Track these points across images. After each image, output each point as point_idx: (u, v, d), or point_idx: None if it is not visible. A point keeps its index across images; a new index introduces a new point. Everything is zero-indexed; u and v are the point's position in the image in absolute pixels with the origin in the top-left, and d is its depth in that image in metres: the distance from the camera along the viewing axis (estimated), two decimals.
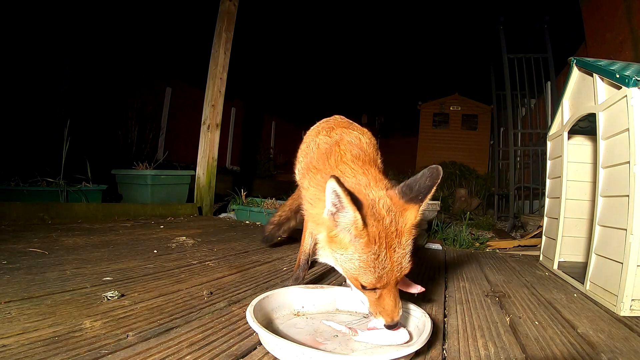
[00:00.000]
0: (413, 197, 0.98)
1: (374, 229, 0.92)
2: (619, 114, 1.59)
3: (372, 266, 0.92)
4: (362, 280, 0.95)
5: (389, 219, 0.93)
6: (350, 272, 0.97)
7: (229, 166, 9.34)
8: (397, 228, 0.94)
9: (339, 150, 1.17)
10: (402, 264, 0.95)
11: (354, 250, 0.94)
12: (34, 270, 1.47)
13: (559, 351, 1.07)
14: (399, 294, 1.00)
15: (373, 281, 0.94)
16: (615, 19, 4.21)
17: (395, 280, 0.96)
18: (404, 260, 0.96)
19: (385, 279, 0.94)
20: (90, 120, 5.39)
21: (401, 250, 0.95)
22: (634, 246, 1.42)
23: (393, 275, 0.94)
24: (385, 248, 0.92)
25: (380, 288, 0.96)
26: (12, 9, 4.70)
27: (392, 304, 0.96)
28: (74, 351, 0.84)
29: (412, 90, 11.95)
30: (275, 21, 7.88)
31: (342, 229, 0.94)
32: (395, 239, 0.94)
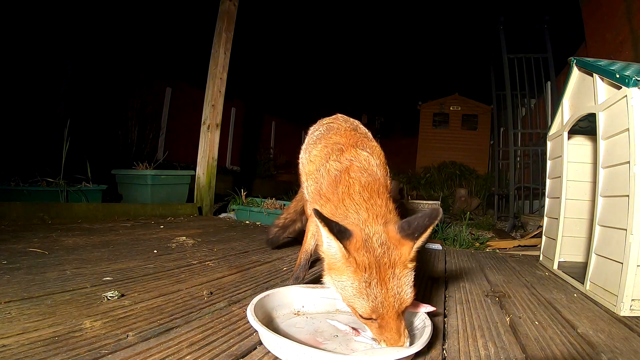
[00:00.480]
0: (410, 233, 0.98)
1: (363, 258, 0.93)
2: (619, 114, 1.59)
3: (365, 294, 0.92)
4: (357, 309, 0.95)
5: (381, 251, 0.95)
6: (347, 299, 0.98)
7: (229, 166, 9.34)
8: (390, 259, 0.94)
9: (348, 179, 1.17)
10: (400, 295, 0.93)
11: (347, 277, 0.95)
12: (34, 270, 1.47)
13: (559, 351, 1.07)
14: (403, 323, 0.96)
15: (368, 310, 0.93)
16: (615, 19, 4.21)
17: (395, 312, 0.93)
18: (402, 291, 0.94)
19: (381, 310, 0.92)
20: (90, 120, 5.39)
21: (396, 281, 0.94)
22: (634, 246, 1.42)
23: (391, 305, 0.92)
24: (376, 277, 0.92)
25: (377, 319, 0.94)
26: (13, 9, 4.70)
27: (394, 336, 0.93)
28: (74, 351, 0.84)
29: (412, 90, 11.95)
30: (275, 21, 7.88)
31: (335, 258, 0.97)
32: (388, 269, 0.93)
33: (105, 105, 5.97)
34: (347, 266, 0.95)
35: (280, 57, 9.53)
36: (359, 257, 0.94)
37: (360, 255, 0.94)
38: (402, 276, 0.95)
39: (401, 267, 0.95)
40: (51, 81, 5.35)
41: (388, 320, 0.93)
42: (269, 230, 2.28)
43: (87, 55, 5.75)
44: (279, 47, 9.01)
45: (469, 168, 9.67)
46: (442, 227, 3.63)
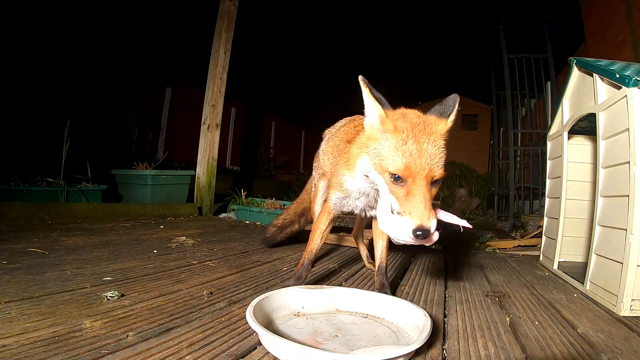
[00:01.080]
0: (443, 113, 1.11)
1: (401, 123, 1.04)
2: (619, 114, 1.59)
3: (400, 150, 1.00)
4: (389, 166, 1.01)
5: (418, 121, 1.05)
6: (379, 160, 1.05)
7: (229, 166, 9.34)
8: (425, 128, 1.02)
9: None
10: (432, 158, 0.99)
11: (385, 139, 1.05)
12: (34, 270, 1.47)
13: (559, 351, 1.07)
14: (429, 198, 0.98)
15: (400, 166, 0.98)
16: (615, 19, 4.21)
17: (425, 174, 0.97)
18: (435, 156, 1.00)
19: (413, 167, 0.97)
20: (90, 120, 5.39)
21: (431, 146, 1.00)
22: (634, 246, 1.42)
23: (422, 166, 0.97)
24: (413, 138, 1.00)
25: (408, 178, 0.98)
26: (13, 9, 4.70)
27: (422, 202, 0.95)
28: (74, 351, 0.84)
29: (412, 90, 11.94)
30: (275, 21, 7.88)
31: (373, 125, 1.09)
32: (424, 135, 1.01)
33: (105, 105, 5.97)
34: (385, 130, 1.05)
35: (280, 57, 9.53)
36: (397, 121, 1.04)
37: (399, 121, 1.04)
38: (436, 145, 1.01)
39: (436, 137, 1.03)
40: (51, 81, 5.34)
41: (417, 183, 0.97)
42: (267, 229, 2.29)
43: (87, 55, 5.75)
44: (279, 47, 9.01)
45: (469, 168, 9.66)
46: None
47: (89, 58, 5.79)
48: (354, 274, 1.87)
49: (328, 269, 1.94)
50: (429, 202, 0.96)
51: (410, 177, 0.98)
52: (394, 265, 2.14)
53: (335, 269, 1.94)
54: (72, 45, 5.51)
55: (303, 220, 2.21)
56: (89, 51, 5.78)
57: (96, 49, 5.90)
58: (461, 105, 5.00)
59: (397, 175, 1.00)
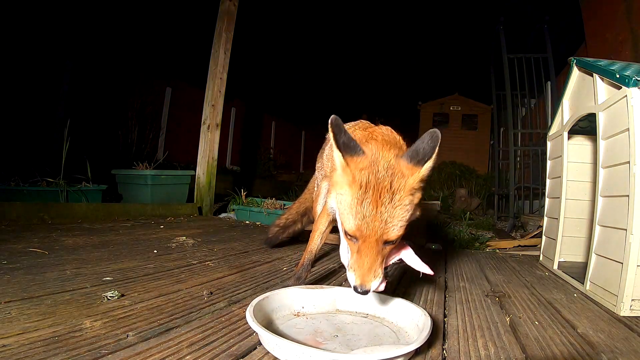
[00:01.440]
0: (420, 159, 0.99)
1: (363, 176, 0.94)
2: (619, 114, 1.59)
3: (354, 211, 0.94)
4: (344, 223, 0.97)
5: (384, 174, 0.94)
6: (340, 212, 1.01)
7: (229, 166, 9.34)
8: (391, 184, 0.94)
9: (372, 136, 1.26)
10: (386, 222, 0.93)
11: (344, 192, 0.98)
12: (34, 270, 1.47)
13: (559, 351, 1.07)
14: (381, 261, 0.95)
15: (352, 227, 0.94)
16: (615, 19, 4.21)
17: (376, 237, 0.93)
18: (392, 220, 0.93)
19: (365, 230, 0.92)
20: (90, 120, 5.39)
21: (390, 208, 0.93)
22: (634, 246, 1.42)
23: (374, 230, 0.92)
24: (371, 197, 0.92)
25: (359, 239, 0.94)
26: (13, 9, 4.70)
27: (366, 264, 0.93)
28: (74, 351, 0.84)
29: (412, 90, 11.94)
30: (275, 21, 7.87)
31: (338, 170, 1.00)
32: (386, 193, 0.93)
33: (105, 105, 5.97)
34: (345, 178, 0.97)
35: (280, 57, 9.53)
36: (358, 174, 0.95)
37: (361, 173, 0.95)
38: (397, 205, 0.94)
39: (402, 195, 0.95)
40: (51, 81, 5.35)
41: (366, 245, 0.94)
42: (269, 229, 2.28)
43: (87, 55, 5.75)
44: (279, 47, 9.01)
45: (469, 168, 9.65)
46: (442, 227, 3.63)
47: (89, 58, 5.79)
48: None
49: (328, 269, 1.94)
50: (375, 262, 0.94)
51: (362, 239, 0.94)
52: (394, 266, 2.13)
53: (335, 269, 1.94)
54: (72, 45, 5.51)
55: (305, 220, 2.21)
56: (89, 51, 5.78)
57: (96, 49, 5.90)
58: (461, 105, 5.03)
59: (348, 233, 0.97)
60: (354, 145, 0.98)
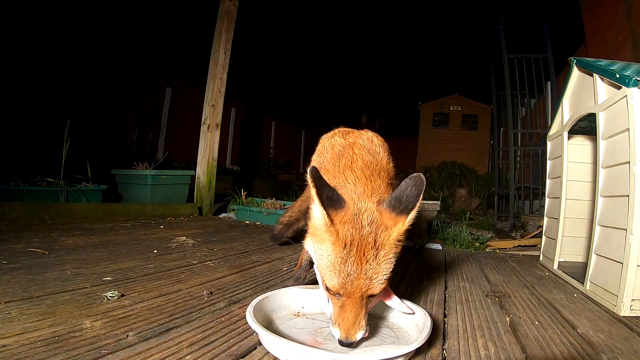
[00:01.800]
0: (403, 208, 0.94)
1: (347, 233, 0.90)
2: (619, 114, 1.59)
3: (337, 269, 0.90)
4: (326, 280, 0.94)
5: (369, 230, 0.90)
6: (320, 268, 0.97)
7: (229, 166, 9.34)
8: (375, 240, 0.90)
9: (352, 154, 1.18)
10: (371, 279, 0.90)
11: (325, 248, 0.93)
12: (34, 270, 1.47)
13: (559, 351, 1.07)
14: (365, 312, 0.94)
15: (336, 285, 0.91)
16: (615, 19, 4.21)
17: (360, 293, 0.91)
18: (376, 276, 0.91)
19: (349, 287, 0.90)
20: (90, 120, 5.39)
21: (375, 265, 0.90)
22: (634, 246, 1.42)
23: (358, 287, 0.90)
24: (355, 255, 0.89)
25: (342, 296, 0.93)
26: (13, 9, 4.70)
27: (351, 319, 0.91)
28: (74, 351, 0.84)
29: (412, 90, 11.94)
30: (275, 21, 7.88)
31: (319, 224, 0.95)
32: (370, 250, 0.90)
33: (105, 105, 5.97)
34: (328, 236, 0.92)
35: (280, 57, 9.53)
36: (342, 230, 0.90)
37: (345, 230, 0.90)
38: (382, 261, 0.91)
39: (387, 250, 0.92)
40: (51, 81, 5.35)
41: (350, 301, 0.92)
42: (275, 226, 2.30)
43: (87, 55, 5.75)
44: (279, 47, 9.01)
45: (469, 168, 9.66)
46: (442, 227, 3.63)
47: (89, 58, 5.79)
48: None
49: None
50: (359, 316, 0.92)
51: (346, 296, 0.92)
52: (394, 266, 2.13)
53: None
54: (72, 45, 5.51)
55: (308, 217, 2.21)
56: (89, 51, 5.79)
57: (96, 49, 5.90)
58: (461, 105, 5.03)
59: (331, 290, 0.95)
60: (337, 198, 0.93)
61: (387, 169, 1.22)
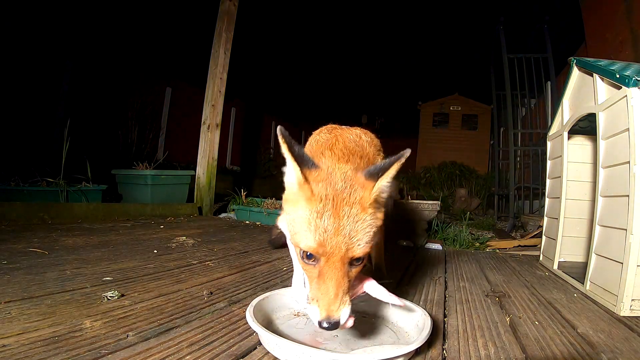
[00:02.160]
0: (374, 174, 0.89)
1: (321, 188, 0.85)
2: (619, 114, 1.59)
3: (313, 225, 0.83)
4: (301, 244, 0.85)
5: (343, 185, 0.86)
6: (293, 234, 0.88)
7: (229, 166, 9.34)
8: (350, 197, 0.85)
9: (334, 140, 1.14)
10: (350, 236, 0.83)
11: (299, 208, 0.87)
12: (34, 270, 1.47)
13: (559, 351, 1.07)
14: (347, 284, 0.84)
15: (313, 244, 0.83)
16: (615, 19, 4.21)
17: (340, 254, 0.82)
18: (356, 234, 0.84)
19: (328, 246, 0.82)
20: (90, 120, 5.39)
21: (352, 221, 0.84)
22: (634, 246, 1.42)
23: (337, 245, 0.82)
24: (331, 209, 0.83)
25: (321, 257, 0.83)
26: (13, 9, 4.70)
27: (331, 290, 0.81)
28: (74, 351, 0.84)
29: (412, 90, 11.94)
30: (275, 21, 7.88)
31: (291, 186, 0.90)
32: (346, 206, 0.84)
33: (105, 105, 5.97)
34: (301, 194, 0.87)
35: (280, 57, 9.53)
36: (316, 186, 0.86)
37: (319, 186, 0.86)
38: (359, 219, 0.85)
39: (360, 209, 0.86)
40: (51, 81, 5.35)
41: (330, 265, 0.83)
42: (272, 230, 2.29)
43: (87, 55, 5.75)
44: (279, 47, 9.01)
45: (469, 168, 9.66)
46: (442, 227, 3.63)
47: (89, 58, 5.79)
48: None
49: None
50: (342, 287, 0.83)
51: (323, 256, 0.83)
52: (394, 266, 2.14)
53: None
54: (72, 45, 5.51)
55: None
56: (89, 51, 5.78)
57: (96, 49, 5.90)
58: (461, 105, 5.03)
59: (308, 253, 0.85)
60: (310, 160, 0.90)
61: (372, 161, 1.15)
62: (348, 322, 0.85)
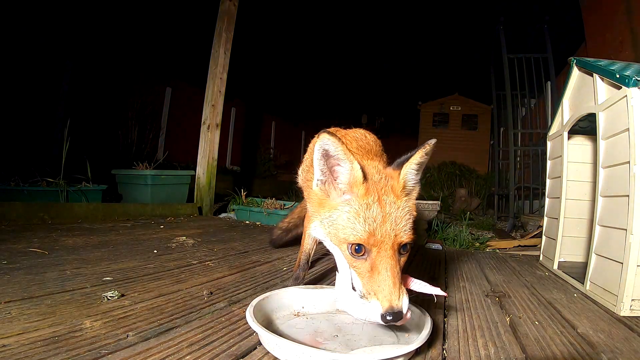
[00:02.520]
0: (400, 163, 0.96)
1: (370, 181, 0.91)
2: (619, 114, 1.59)
3: (362, 217, 0.85)
4: (350, 237, 0.86)
5: (378, 177, 0.92)
6: (337, 233, 0.90)
7: (229, 166, 9.35)
8: (386, 186, 0.91)
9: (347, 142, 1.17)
10: (396, 222, 0.86)
11: (345, 204, 0.90)
12: (34, 270, 1.47)
13: (559, 351, 1.07)
14: (397, 270, 0.85)
15: (364, 235, 0.84)
16: (615, 19, 4.21)
17: (391, 242, 0.84)
18: (401, 220, 0.87)
19: (378, 234, 0.83)
20: (90, 120, 5.39)
21: (395, 208, 0.88)
22: (634, 246, 1.42)
23: (387, 233, 0.84)
24: (377, 201, 0.87)
25: (372, 247, 0.84)
26: (13, 10, 4.70)
27: (389, 279, 0.81)
28: (74, 351, 0.84)
29: (412, 90, 11.94)
30: (275, 21, 7.88)
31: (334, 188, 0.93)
32: (388, 195, 0.89)
33: (105, 105, 5.97)
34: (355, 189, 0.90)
35: (280, 57, 9.53)
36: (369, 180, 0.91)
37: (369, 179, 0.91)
38: (399, 206, 0.89)
39: (399, 195, 0.91)
40: (51, 81, 5.35)
41: (383, 254, 0.84)
42: (273, 231, 2.30)
43: (87, 56, 5.75)
44: (279, 47, 9.01)
45: (469, 168, 9.66)
46: (442, 227, 3.63)
47: (89, 58, 5.79)
48: None
49: (328, 268, 1.94)
50: (397, 276, 0.83)
51: (374, 246, 0.85)
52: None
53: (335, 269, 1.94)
54: (72, 45, 5.51)
55: None
56: (89, 51, 5.79)
57: (96, 49, 5.90)
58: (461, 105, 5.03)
59: (358, 246, 0.86)
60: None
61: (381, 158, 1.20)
62: (408, 313, 0.86)
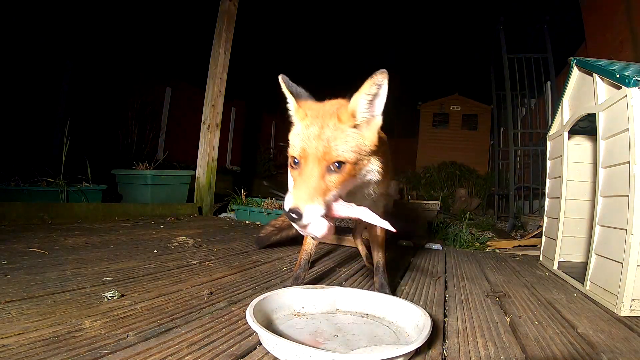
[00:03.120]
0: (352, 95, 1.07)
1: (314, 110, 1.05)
2: (619, 114, 1.59)
3: (300, 135, 1.00)
4: (291, 151, 1.02)
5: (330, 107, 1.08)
6: (290, 148, 1.03)
7: (229, 166, 9.34)
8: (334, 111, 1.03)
9: None
10: (329, 141, 0.96)
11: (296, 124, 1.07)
12: (34, 270, 1.47)
13: (559, 351, 1.07)
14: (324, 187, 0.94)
15: (298, 150, 0.98)
16: (615, 19, 4.20)
17: (318, 155, 0.95)
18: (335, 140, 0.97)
19: (307, 148, 0.96)
20: (90, 120, 5.39)
21: (333, 130, 0.99)
22: (634, 246, 1.42)
23: (316, 148, 0.95)
24: (317, 123, 1.00)
25: (302, 160, 0.97)
26: (14, 10, 4.70)
27: (303, 184, 0.93)
28: (74, 351, 0.84)
29: (412, 90, 11.93)
30: (275, 21, 7.88)
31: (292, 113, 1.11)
32: (331, 118, 1.01)
33: (105, 105, 5.97)
34: (297, 117, 1.07)
35: (280, 57, 9.53)
36: (309, 110, 1.06)
37: (311, 110, 1.06)
38: (338, 129, 1.00)
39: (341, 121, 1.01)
40: (51, 81, 5.34)
41: (308, 165, 0.95)
42: (264, 228, 2.27)
43: (87, 56, 5.75)
44: (279, 47, 9.01)
45: (469, 168, 9.65)
46: (442, 227, 3.63)
47: (89, 58, 5.79)
48: (353, 273, 1.87)
49: (328, 268, 1.94)
50: (314, 184, 0.93)
51: (304, 158, 0.97)
52: (394, 265, 2.14)
53: (335, 269, 1.94)
54: (72, 45, 5.51)
55: None
56: (89, 51, 5.78)
57: (96, 49, 5.90)
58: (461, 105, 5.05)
59: (295, 159, 1.00)
60: (305, 93, 1.13)
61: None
62: (319, 226, 0.92)
